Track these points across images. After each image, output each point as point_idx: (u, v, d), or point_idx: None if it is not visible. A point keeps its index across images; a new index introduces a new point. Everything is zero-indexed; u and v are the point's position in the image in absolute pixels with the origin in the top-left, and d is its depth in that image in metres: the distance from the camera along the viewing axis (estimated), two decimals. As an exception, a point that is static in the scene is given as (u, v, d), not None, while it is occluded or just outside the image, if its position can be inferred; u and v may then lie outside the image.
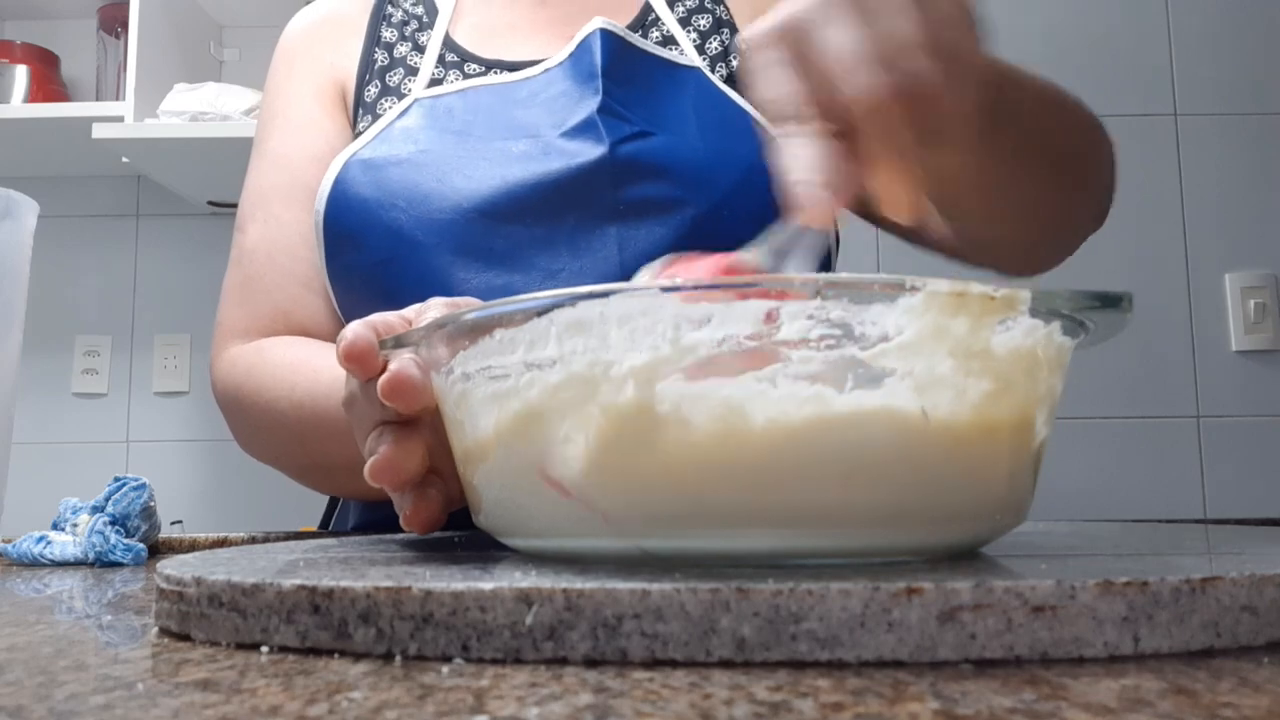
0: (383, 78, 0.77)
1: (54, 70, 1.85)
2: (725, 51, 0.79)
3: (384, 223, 0.68)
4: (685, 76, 0.75)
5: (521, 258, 0.67)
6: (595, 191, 0.68)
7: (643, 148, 0.70)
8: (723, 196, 0.69)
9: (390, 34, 0.79)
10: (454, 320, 0.31)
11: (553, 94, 0.73)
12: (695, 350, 0.27)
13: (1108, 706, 0.18)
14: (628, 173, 0.69)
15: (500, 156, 0.69)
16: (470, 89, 0.74)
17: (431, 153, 0.70)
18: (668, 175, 0.69)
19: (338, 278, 0.72)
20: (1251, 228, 1.62)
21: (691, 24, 0.80)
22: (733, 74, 0.78)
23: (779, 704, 0.19)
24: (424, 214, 0.68)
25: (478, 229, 0.67)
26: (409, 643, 0.24)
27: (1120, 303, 0.31)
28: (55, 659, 0.25)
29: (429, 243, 0.68)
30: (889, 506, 0.28)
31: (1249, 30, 1.67)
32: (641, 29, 0.79)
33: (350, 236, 0.70)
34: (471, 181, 0.68)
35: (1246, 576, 0.23)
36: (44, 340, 1.83)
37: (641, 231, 0.68)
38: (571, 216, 0.68)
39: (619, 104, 0.71)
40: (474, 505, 0.35)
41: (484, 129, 0.71)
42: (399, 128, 0.72)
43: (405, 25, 0.80)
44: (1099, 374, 1.53)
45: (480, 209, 0.68)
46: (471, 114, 0.72)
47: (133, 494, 0.60)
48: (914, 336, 0.27)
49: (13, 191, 0.53)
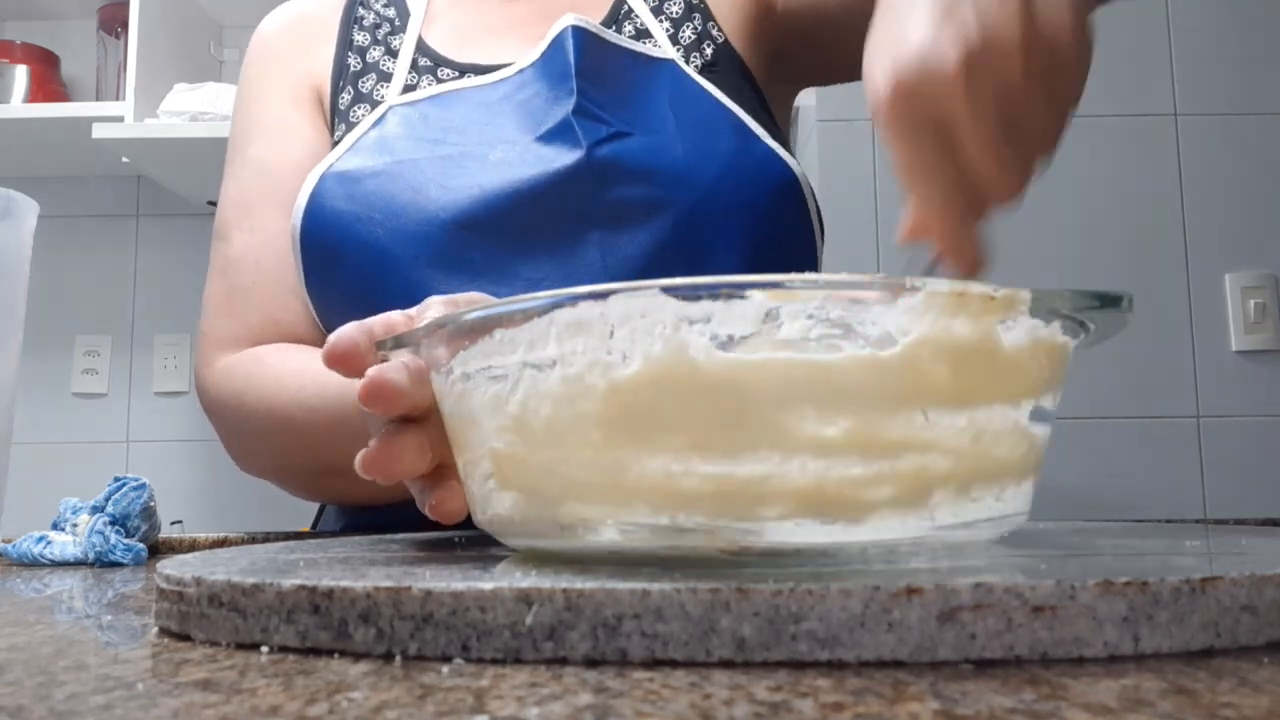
0: (355, 84, 0.76)
1: (54, 70, 1.85)
2: (698, 40, 0.78)
3: (361, 236, 0.67)
4: (660, 70, 0.74)
5: (503, 268, 0.66)
6: (574, 197, 0.67)
7: (621, 149, 0.68)
8: (703, 194, 0.69)
9: (362, 37, 0.78)
10: (454, 320, 0.31)
11: (526, 96, 0.71)
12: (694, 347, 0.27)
13: (1108, 706, 0.18)
14: (606, 176, 0.67)
15: (476, 165, 0.68)
16: (443, 94, 0.73)
17: (406, 163, 0.69)
18: (647, 177, 0.68)
19: (316, 292, 0.71)
20: (1251, 228, 1.62)
21: (664, 12, 0.79)
22: (707, 63, 0.77)
23: (779, 704, 0.19)
24: (401, 227, 0.67)
25: (456, 241, 0.66)
26: (409, 643, 0.24)
27: (1120, 303, 0.31)
28: (55, 659, 0.25)
29: (407, 256, 0.66)
30: (888, 506, 0.28)
31: (1249, 30, 1.67)
32: (615, 24, 0.77)
33: (327, 251, 0.69)
34: (448, 192, 0.67)
35: (1246, 576, 0.23)
36: (44, 340, 1.83)
37: (624, 235, 0.67)
38: (551, 224, 0.67)
39: (594, 104, 0.70)
40: (474, 505, 0.35)
41: (459, 136, 0.70)
42: (373, 137, 0.71)
43: (377, 28, 0.78)
44: (1099, 374, 1.53)
45: (458, 220, 0.66)
46: (446, 121, 0.71)
47: (133, 494, 0.60)
48: (915, 337, 0.27)
49: (13, 191, 0.53)
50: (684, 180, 0.69)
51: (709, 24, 0.79)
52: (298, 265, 0.70)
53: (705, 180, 0.69)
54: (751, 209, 0.70)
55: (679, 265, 0.66)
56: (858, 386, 0.27)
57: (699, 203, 0.69)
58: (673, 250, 0.68)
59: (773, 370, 0.27)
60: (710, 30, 0.79)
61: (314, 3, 0.82)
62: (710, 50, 0.78)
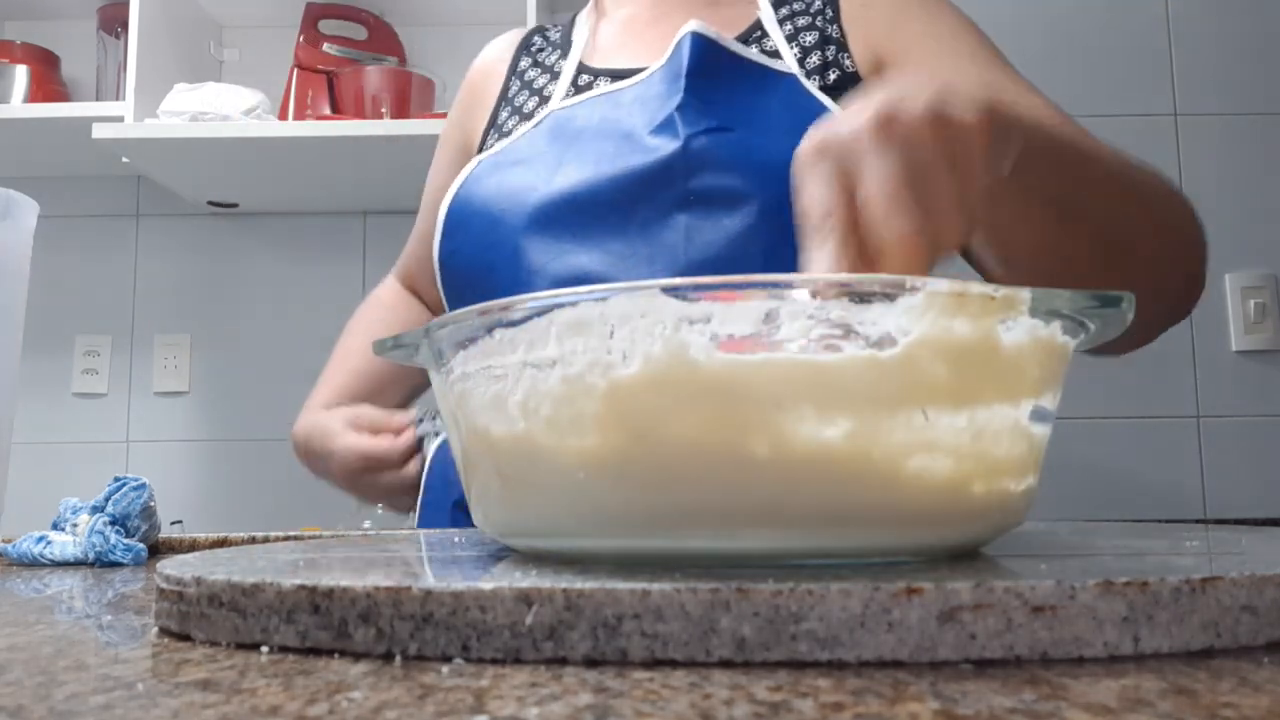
0: (513, 103, 0.89)
1: (54, 70, 1.85)
2: (826, 65, 0.80)
3: (489, 211, 0.78)
4: (778, 81, 0.78)
5: (596, 241, 0.74)
6: (668, 182, 0.73)
7: (717, 141, 0.73)
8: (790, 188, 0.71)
9: (526, 61, 0.92)
10: (454, 320, 0.31)
11: (649, 96, 0.79)
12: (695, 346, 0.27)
13: (1108, 706, 0.18)
14: (698, 165, 0.72)
15: (596, 155, 0.76)
16: (588, 99, 0.82)
17: (545, 154, 0.79)
18: (737, 168, 0.72)
19: (446, 260, 0.82)
20: (1251, 228, 1.62)
21: (798, 40, 0.82)
22: (829, 85, 0.79)
23: (779, 704, 0.19)
24: (518, 202, 0.77)
25: (559, 215, 0.75)
26: (409, 643, 0.24)
27: (1120, 303, 0.31)
28: (55, 659, 0.25)
29: (518, 225, 0.76)
30: (888, 506, 0.28)
31: (1249, 30, 1.67)
32: (745, 42, 0.82)
33: (461, 219, 0.80)
34: (568, 178, 0.76)
35: (1246, 576, 0.23)
36: (44, 340, 1.83)
37: (709, 222, 0.72)
38: (644, 205, 0.73)
39: (700, 100, 0.75)
40: (474, 505, 0.35)
41: (593, 133, 0.78)
42: (527, 134, 0.82)
43: (541, 52, 0.93)
44: (1099, 374, 1.53)
45: (565, 196, 0.75)
46: (585, 120, 0.80)
47: (133, 494, 0.60)
48: (915, 337, 0.27)
49: (13, 191, 0.53)
50: (773, 174, 0.71)
51: (842, 55, 0.81)
52: (436, 231, 0.82)
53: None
54: None
55: (756, 255, 0.71)
56: (858, 386, 0.27)
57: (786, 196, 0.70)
58: (754, 240, 0.71)
59: (773, 370, 0.27)
60: (842, 60, 0.81)
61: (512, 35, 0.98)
62: (835, 76, 0.80)
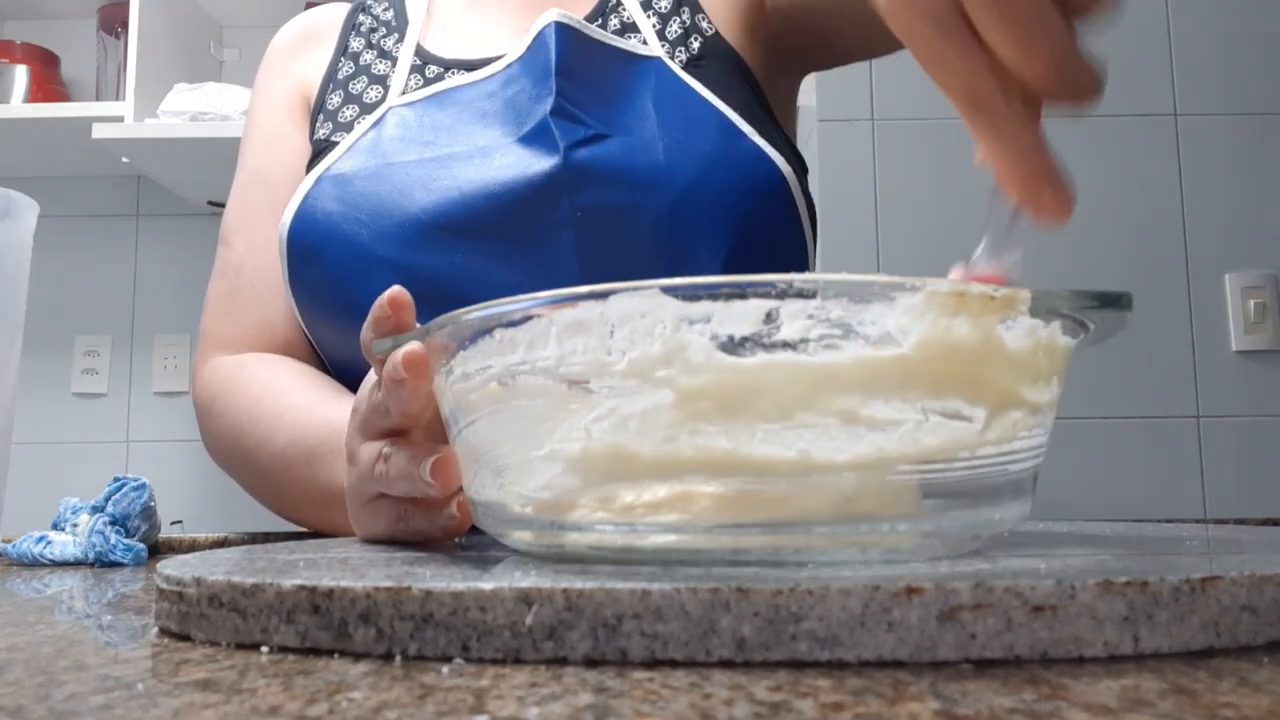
0: (345, 86, 0.77)
1: (54, 70, 1.85)
2: (686, 33, 0.77)
3: (345, 236, 0.68)
4: (645, 68, 0.74)
5: (479, 271, 0.67)
6: (550, 200, 0.67)
7: (597, 153, 0.68)
8: (680, 196, 0.68)
9: (358, 43, 0.80)
10: (454, 320, 0.31)
11: (511, 94, 0.72)
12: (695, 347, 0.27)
13: (1108, 706, 0.18)
14: (582, 180, 0.67)
15: (459, 166, 0.69)
16: (438, 93, 0.74)
17: (396, 165, 0.70)
18: (623, 180, 0.68)
19: (299, 291, 0.71)
20: (1251, 228, 1.61)
21: (652, 6, 0.79)
22: (694, 57, 0.76)
23: (779, 704, 0.19)
24: (384, 227, 0.67)
25: (436, 242, 0.67)
26: (409, 643, 0.24)
27: (1120, 303, 0.31)
28: (55, 659, 0.25)
29: (387, 256, 0.67)
30: (888, 506, 0.28)
31: (1249, 30, 1.67)
32: (601, 16, 0.78)
33: (312, 250, 0.69)
34: (430, 194, 0.68)
35: (1246, 576, 0.23)
36: (44, 340, 1.83)
37: (600, 239, 0.67)
38: (528, 227, 0.67)
39: (573, 104, 0.70)
40: (474, 505, 0.35)
41: (447, 136, 0.71)
42: (370, 139, 0.72)
43: (374, 33, 0.80)
44: (1099, 374, 1.53)
45: (437, 221, 0.67)
46: (439, 121, 0.72)
47: (133, 494, 0.60)
48: (915, 337, 0.27)
49: (13, 191, 0.53)
50: (661, 183, 0.68)
51: (697, 16, 0.78)
52: (283, 265, 0.71)
53: (683, 182, 0.68)
54: (733, 210, 0.70)
55: (657, 268, 0.67)
56: (858, 386, 0.27)
57: (676, 205, 0.68)
58: (650, 253, 0.67)
59: (773, 370, 0.27)
60: (699, 23, 0.78)
61: (323, 14, 0.85)
62: (698, 44, 0.77)
